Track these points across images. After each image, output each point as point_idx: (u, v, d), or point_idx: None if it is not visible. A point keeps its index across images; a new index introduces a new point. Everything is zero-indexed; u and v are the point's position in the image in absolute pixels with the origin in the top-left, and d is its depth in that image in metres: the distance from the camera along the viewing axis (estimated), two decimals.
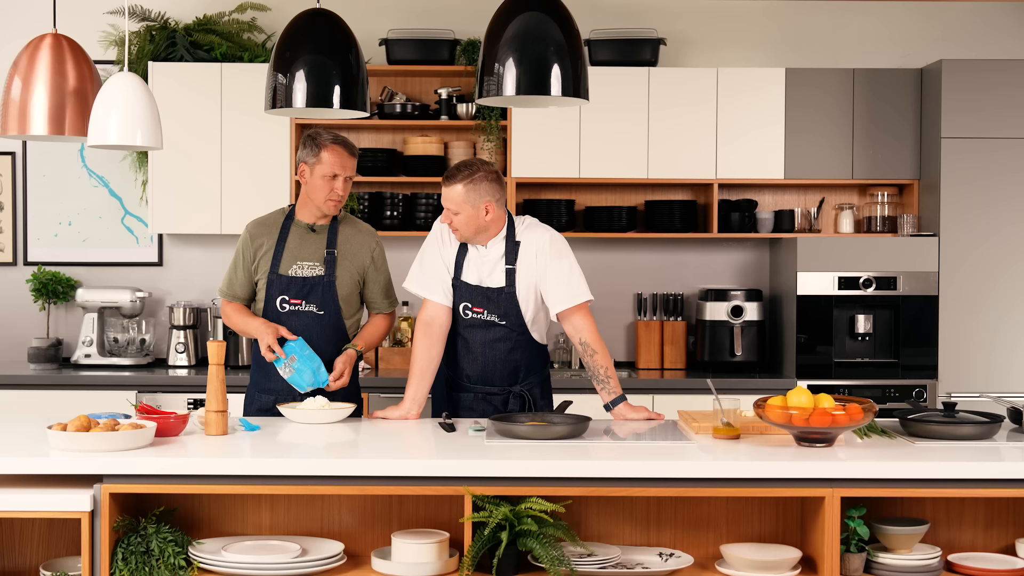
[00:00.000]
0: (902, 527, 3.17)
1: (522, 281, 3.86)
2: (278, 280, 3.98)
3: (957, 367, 5.34)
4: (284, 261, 3.99)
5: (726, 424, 3.41)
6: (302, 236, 4.02)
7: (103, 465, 3.05)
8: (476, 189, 3.78)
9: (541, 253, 3.84)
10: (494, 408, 3.93)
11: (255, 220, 4.10)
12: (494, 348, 3.91)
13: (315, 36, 3.61)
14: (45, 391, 5.25)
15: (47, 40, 3.92)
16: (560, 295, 3.84)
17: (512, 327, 3.88)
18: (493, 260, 3.88)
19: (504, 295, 3.86)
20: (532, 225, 3.93)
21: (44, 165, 5.89)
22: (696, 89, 5.54)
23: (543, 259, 3.84)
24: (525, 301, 3.87)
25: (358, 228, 4.09)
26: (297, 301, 3.96)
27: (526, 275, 3.86)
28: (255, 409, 4.02)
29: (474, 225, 3.81)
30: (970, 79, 5.33)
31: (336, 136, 3.96)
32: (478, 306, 3.89)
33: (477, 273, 3.89)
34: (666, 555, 3.22)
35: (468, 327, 3.93)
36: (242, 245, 4.05)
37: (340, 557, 3.14)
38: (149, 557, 3.07)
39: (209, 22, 5.67)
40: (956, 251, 5.34)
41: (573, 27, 3.43)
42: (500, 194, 3.84)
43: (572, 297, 3.84)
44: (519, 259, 3.86)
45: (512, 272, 3.86)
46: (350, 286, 4.02)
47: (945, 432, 3.42)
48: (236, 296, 4.06)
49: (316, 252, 4.00)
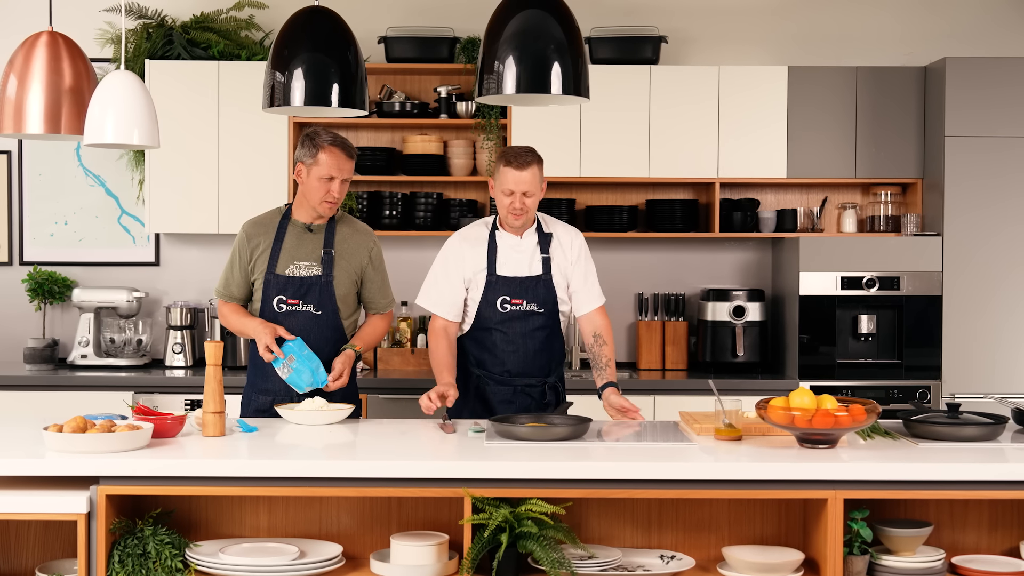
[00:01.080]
0: (905, 529, 3.17)
1: (555, 270, 4.06)
2: (275, 280, 3.98)
3: (961, 368, 5.33)
4: (281, 261, 3.99)
5: (728, 425, 3.41)
6: (299, 236, 4.02)
7: (99, 467, 3.05)
8: (542, 170, 4.00)
9: (577, 252, 4.09)
10: (531, 400, 4.05)
11: (251, 220, 4.10)
12: (534, 337, 4.04)
13: (313, 34, 3.62)
14: (41, 392, 5.24)
15: (43, 38, 3.93)
16: (591, 296, 4.11)
17: (549, 315, 4.05)
18: (529, 250, 4.05)
19: (542, 283, 4.03)
20: (556, 222, 4.15)
21: (40, 164, 5.89)
22: (698, 87, 5.54)
23: (578, 259, 4.09)
24: (560, 289, 4.07)
25: (356, 228, 4.09)
26: (294, 301, 3.96)
27: (558, 265, 4.06)
28: (252, 410, 4.02)
29: (533, 210, 4.03)
30: (975, 77, 5.33)
31: (335, 137, 3.95)
32: (517, 297, 4.02)
33: (514, 265, 4.04)
34: (667, 557, 3.22)
35: (506, 320, 4.03)
36: (238, 245, 4.04)
37: (339, 559, 3.14)
38: (146, 559, 3.07)
39: (206, 20, 5.67)
40: (960, 251, 5.34)
41: (574, 25, 3.43)
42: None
43: (599, 298, 4.14)
44: (551, 249, 4.06)
45: (548, 261, 4.05)
46: (347, 286, 4.02)
47: (949, 433, 3.42)
48: (233, 296, 4.06)
49: (313, 252, 4.00)
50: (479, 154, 5.67)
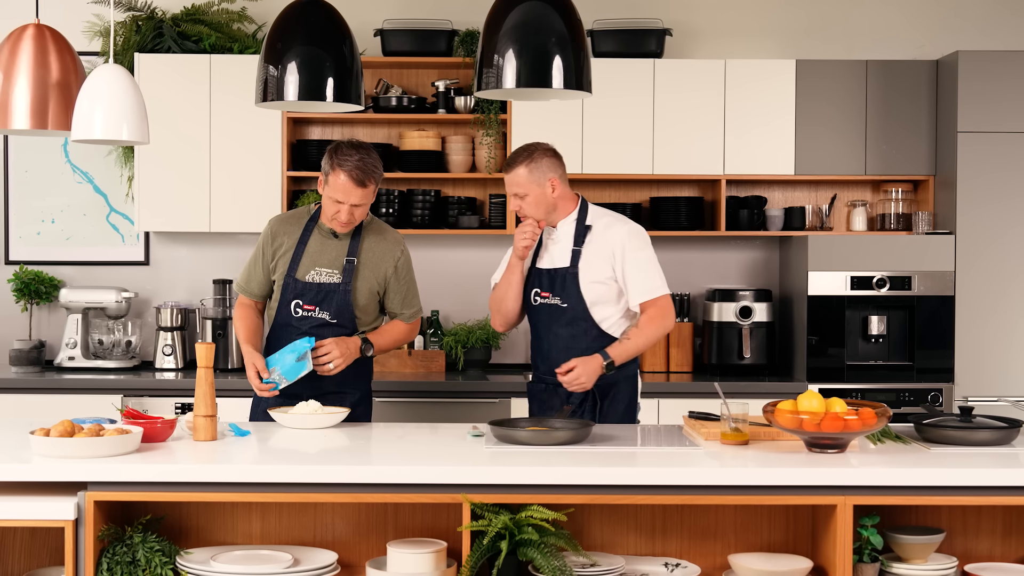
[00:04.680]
0: (917, 536, 3.17)
1: (587, 263, 3.95)
2: (294, 284, 3.98)
3: (974, 370, 5.34)
4: (303, 265, 3.98)
5: (734, 429, 3.41)
6: (323, 241, 4.01)
7: (87, 472, 3.05)
8: (539, 167, 3.93)
9: (619, 245, 3.94)
10: (560, 399, 3.98)
11: (278, 216, 4.12)
12: (557, 335, 4.01)
13: (307, 26, 3.62)
14: (27, 395, 5.24)
15: (29, 30, 3.93)
16: (639, 287, 3.95)
17: (575, 311, 3.96)
18: (563, 241, 4.01)
19: (568, 276, 3.96)
20: (608, 215, 4.04)
21: (26, 160, 5.89)
22: (703, 81, 5.54)
23: (621, 251, 3.94)
24: (587, 284, 3.95)
25: (384, 236, 4.07)
26: (311, 307, 3.97)
27: (593, 258, 3.95)
28: (261, 412, 4.00)
29: (544, 205, 3.95)
30: (988, 71, 5.33)
31: (356, 162, 3.82)
32: (545, 290, 4.01)
33: (549, 256, 4.03)
34: (672, 565, 3.22)
35: (537, 313, 4.05)
36: (263, 242, 4.05)
37: (333, 567, 3.14)
38: (135, 567, 3.07)
39: (197, 12, 5.67)
40: (973, 250, 5.34)
41: (575, 17, 3.43)
42: (562, 168, 4.02)
43: (645, 293, 3.95)
44: (587, 243, 3.97)
45: (578, 253, 3.96)
46: (368, 296, 4.01)
47: (962, 438, 3.42)
48: (252, 293, 4.07)
49: (336, 259, 3.99)
50: (478, 150, 5.68)
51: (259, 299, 4.09)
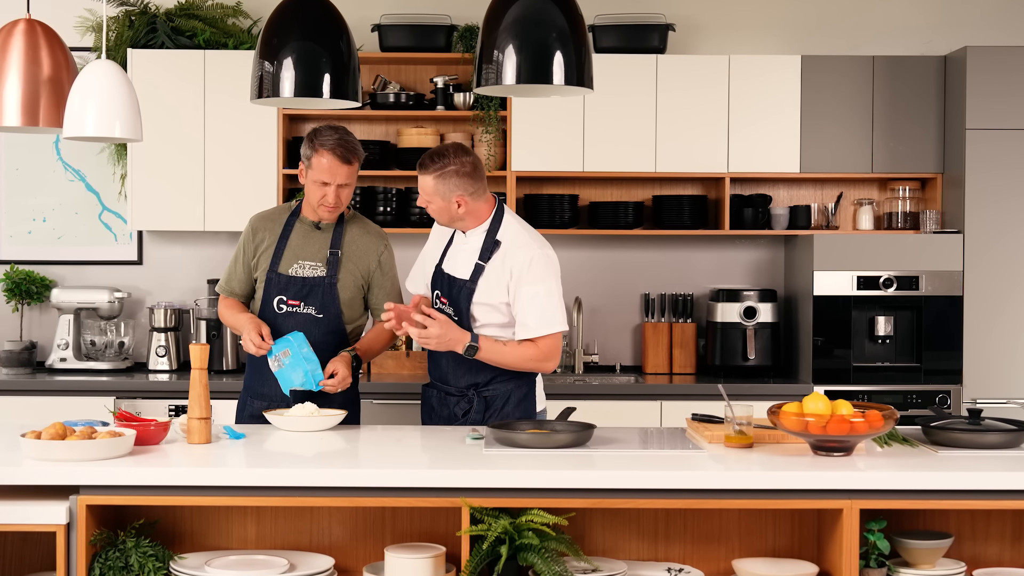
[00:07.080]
0: (925, 541, 3.17)
1: (486, 282, 3.80)
2: (277, 279, 3.97)
3: (983, 371, 5.34)
4: (285, 259, 3.98)
5: (738, 432, 3.41)
6: (306, 234, 4.01)
7: (79, 475, 3.05)
8: (446, 183, 3.76)
9: (517, 273, 3.76)
10: (448, 410, 3.91)
11: (258, 213, 4.11)
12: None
13: (303, 22, 3.62)
14: (18, 397, 5.24)
15: (20, 26, 3.92)
16: (525, 322, 3.77)
17: (463, 324, 3.82)
18: (469, 251, 3.87)
19: (464, 291, 3.83)
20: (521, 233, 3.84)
21: (17, 158, 5.89)
22: (707, 77, 5.54)
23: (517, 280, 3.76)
24: (478, 305, 3.81)
25: (367, 229, 4.07)
26: (295, 302, 3.96)
27: (492, 278, 3.80)
28: (247, 416, 4.01)
29: (447, 215, 3.85)
30: (997, 67, 5.33)
31: (336, 140, 3.86)
32: (445, 296, 3.91)
33: (453, 263, 3.91)
34: (675, 570, 3.22)
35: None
36: (243, 240, 4.05)
37: (330, 572, 3.15)
38: (128, 573, 3.07)
39: (192, 7, 5.68)
40: (982, 249, 5.34)
41: (576, 12, 3.43)
42: (474, 187, 3.78)
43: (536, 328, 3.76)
44: (492, 259, 3.81)
45: (480, 268, 3.82)
46: (353, 290, 4.01)
47: (970, 440, 3.42)
48: (233, 293, 4.07)
49: (319, 252, 3.99)
50: (477, 147, 5.68)
51: (241, 299, 4.08)
